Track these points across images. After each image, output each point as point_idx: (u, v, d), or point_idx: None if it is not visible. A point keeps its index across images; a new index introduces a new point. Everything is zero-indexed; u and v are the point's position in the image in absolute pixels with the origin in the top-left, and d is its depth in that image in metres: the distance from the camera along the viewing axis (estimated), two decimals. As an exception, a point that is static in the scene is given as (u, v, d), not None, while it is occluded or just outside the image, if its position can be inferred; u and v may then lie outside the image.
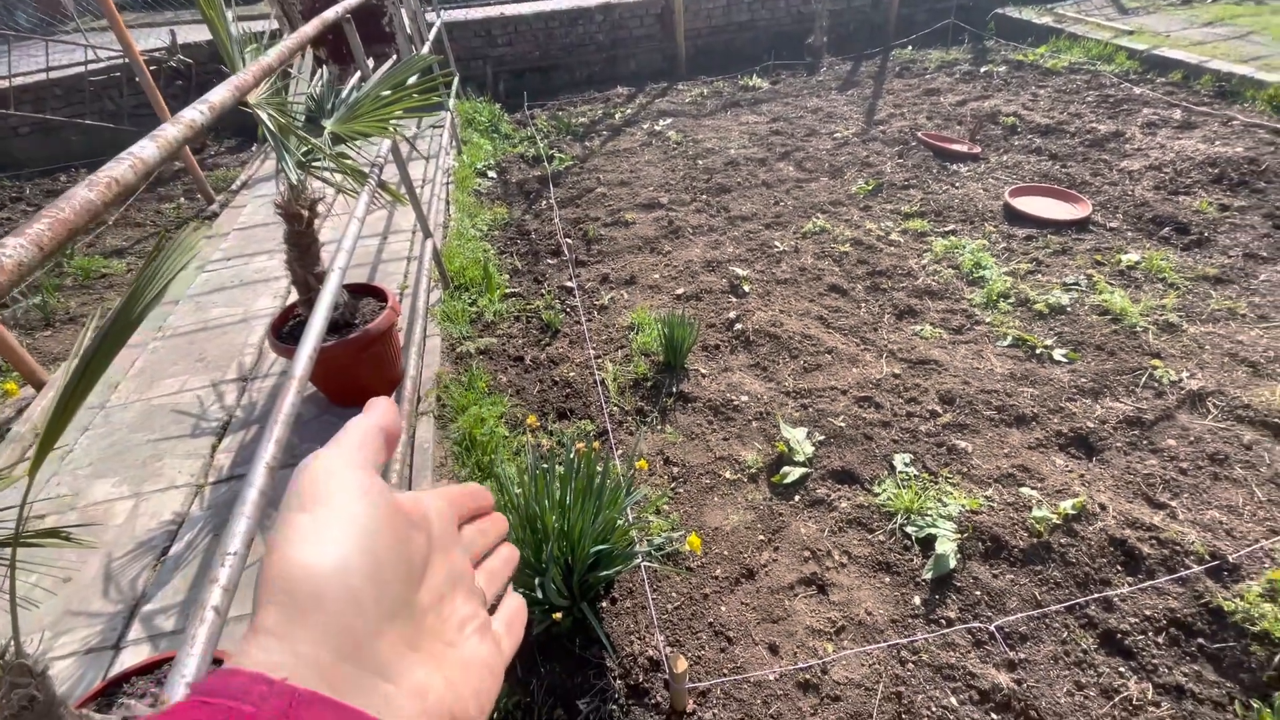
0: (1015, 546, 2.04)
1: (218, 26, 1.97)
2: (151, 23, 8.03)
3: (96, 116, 6.05)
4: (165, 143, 1.06)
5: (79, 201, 0.85)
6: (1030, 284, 3.22)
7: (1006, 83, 5.71)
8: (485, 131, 5.73)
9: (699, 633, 1.91)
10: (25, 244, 0.76)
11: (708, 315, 3.23)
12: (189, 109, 1.20)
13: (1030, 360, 2.78)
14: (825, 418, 2.53)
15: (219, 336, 3.20)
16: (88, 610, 2.01)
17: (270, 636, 0.25)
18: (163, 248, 1.05)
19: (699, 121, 5.70)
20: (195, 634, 0.90)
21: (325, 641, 0.25)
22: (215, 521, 2.27)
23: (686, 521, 2.22)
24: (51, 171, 5.84)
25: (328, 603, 0.26)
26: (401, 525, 0.30)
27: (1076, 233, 3.61)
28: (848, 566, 2.04)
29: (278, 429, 1.21)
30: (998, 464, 2.31)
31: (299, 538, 0.27)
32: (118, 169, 0.95)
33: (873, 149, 4.80)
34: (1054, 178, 4.15)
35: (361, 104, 2.43)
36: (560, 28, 6.93)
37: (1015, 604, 1.92)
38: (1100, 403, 2.54)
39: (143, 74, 4.17)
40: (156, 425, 2.69)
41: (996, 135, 4.78)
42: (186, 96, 6.09)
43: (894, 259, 3.51)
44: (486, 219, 4.30)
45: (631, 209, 4.32)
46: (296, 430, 2.58)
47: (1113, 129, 4.56)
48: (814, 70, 6.70)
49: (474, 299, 3.43)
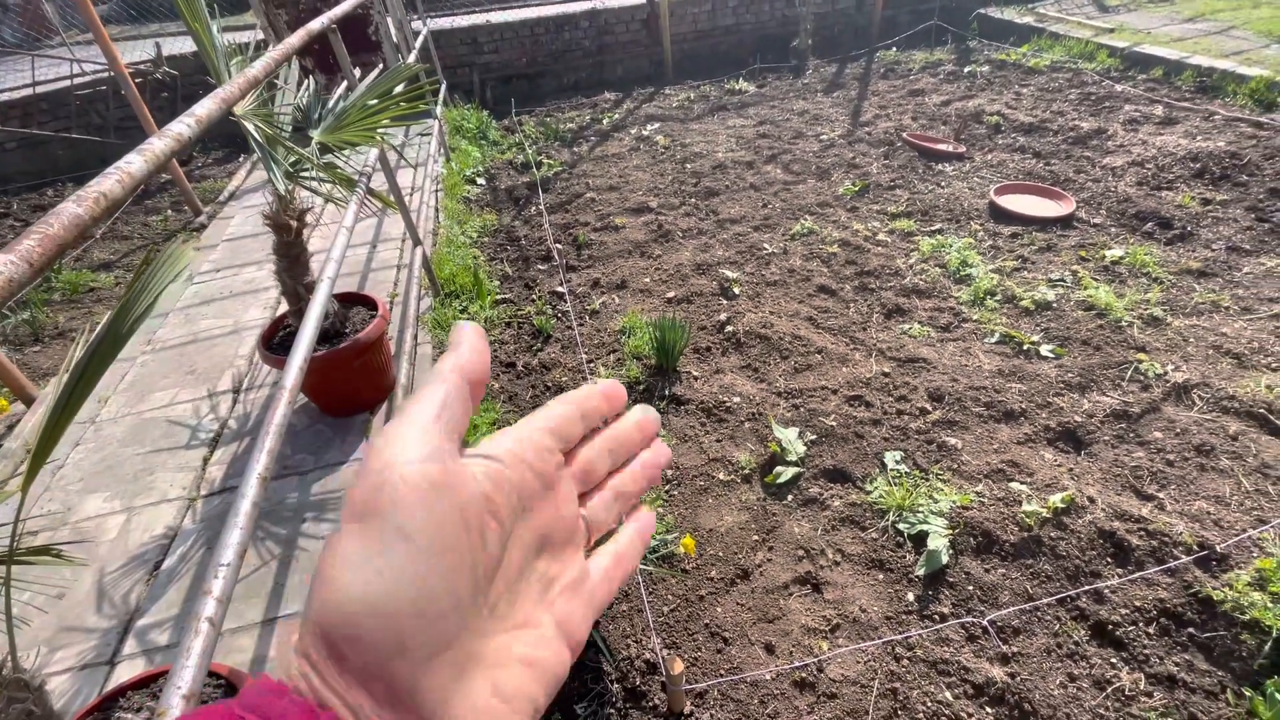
0: (1006, 541, 2.06)
1: (203, 39, 1.97)
2: (137, 35, 8.00)
3: (83, 130, 6.02)
4: (153, 156, 1.06)
5: (68, 217, 0.85)
6: (1016, 281, 3.26)
7: (990, 82, 5.77)
8: (473, 138, 5.74)
9: (695, 634, 1.91)
10: (16, 260, 0.76)
11: (699, 318, 3.25)
12: (176, 122, 1.20)
13: (1018, 356, 2.80)
14: (816, 417, 2.55)
15: (209, 348, 3.19)
16: (82, 626, 1.99)
17: (312, 668, 0.24)
18: (152, 261, 1.06)
19: (686, 125, 5.73)
20: (190, 646, 0.90)
21: (366, 687, 0.23)
22: (208, 534, 2.26)
23: (681, 524, 2.23)
24: (38, 186, 5.81)
25: (366, 649, 0.24)
26: (473, 522, 0.27)
27: (1061, 229, 3.65)
28: (841, 565, 2.06)
29: (269, 440, 1.21)
30: (987, 460, 2.33)
31: (346, 560, 0.24)
32: (105, 183, 0.95)
33: (859, 150, 4.84)
34: (1038, 175, 4.20)
35: (348, 113, 2.44)
36: (546, 34, 6.96)
37: (1007, 598, 1.94)
38: (1087, 397, 2.57)
39: (128, 86, 4.16)
40: (148, 439, 2.68)
41: (981, 134, 4.83)
42: (173, 108, 6.08)
43: (882, 259, 3.54)
44: (476, 226, 4.30)
45: (621, 213, 4.34)
46: (289, 441, 2.58)
47: (1095, 126, 4.62)
48: (800, 73, 6.75)
49: (464, 306, 3.43)
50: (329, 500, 2.33)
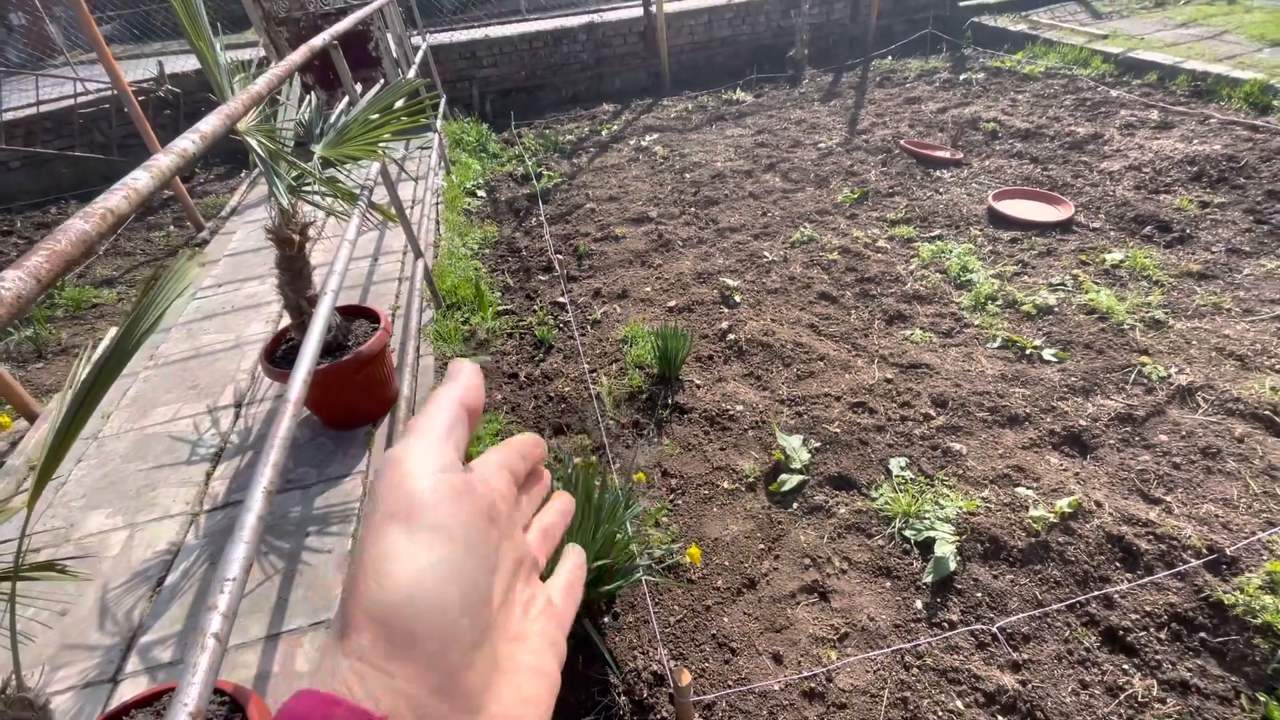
0: (1014, 547, 2.05)
1: (207, 56, 1.99)
2: (139, 54, 8.07)
3: (86, 148, 6.07)
4: (159, 172, 1.07)
5: (75, 233, 0.85)
6: (1017, 286, 3.26)
7: (985, 89, 5.81)
8: (473, 151, 5.77)
9: (702, 645, 1.90)
10: (24, 276, 0.76)
11: (700, 326, 3.25)
12: (181, 138, 1.21)
13: (1020, 361, 2.80)
14: (820, 424, 2.54)
15: (211, 363, 3.19)
16: (85, 643, 1.98)
17: (367, 665, 0.24)
18: (160, 277, 1.06)
19: (685, 136, 5.76)
20: (196, 662, 0.89)
21: (422, 678, 0.24)
22: (211, 549, 2.25)
23: (686, 533, 2.22)
24: (43, 204, 5.84)
25: (424, 638, 0.25)
26: (490, 530, 0.29)
27: (1060, 234, 3.66)
28: (848, 573, 2.05)
29: (274, 454, 1.21)
30: (993, 465, 2.32)
31: (393, 554, 0.26)
32: (112, 199, 0.96)
33: (857, 158, 4.87)
34: (1036, 181, 4.21)
35: (350, 128, 2.46)
36: (545, 47, 7.02)
37: (1016, 604, 1.92)
38: (1091, 400, 2.56)
39: (131, 105, 4.19)
40: (150, 454, 2.67)
41: (978, 141, 4.86)
42: (175, 125, 6.12)
43: (882, 265, 3.55)
44: (477, 237, 4.32)
45: (621, 223, 4.36)
46: (292, 454, 2.58)
47: (1091, 131, 4.64)
48: (796, 83, 6.80)
49: (466, 317, 3.44)
50: (332, 514, 2.32)
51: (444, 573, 0.26)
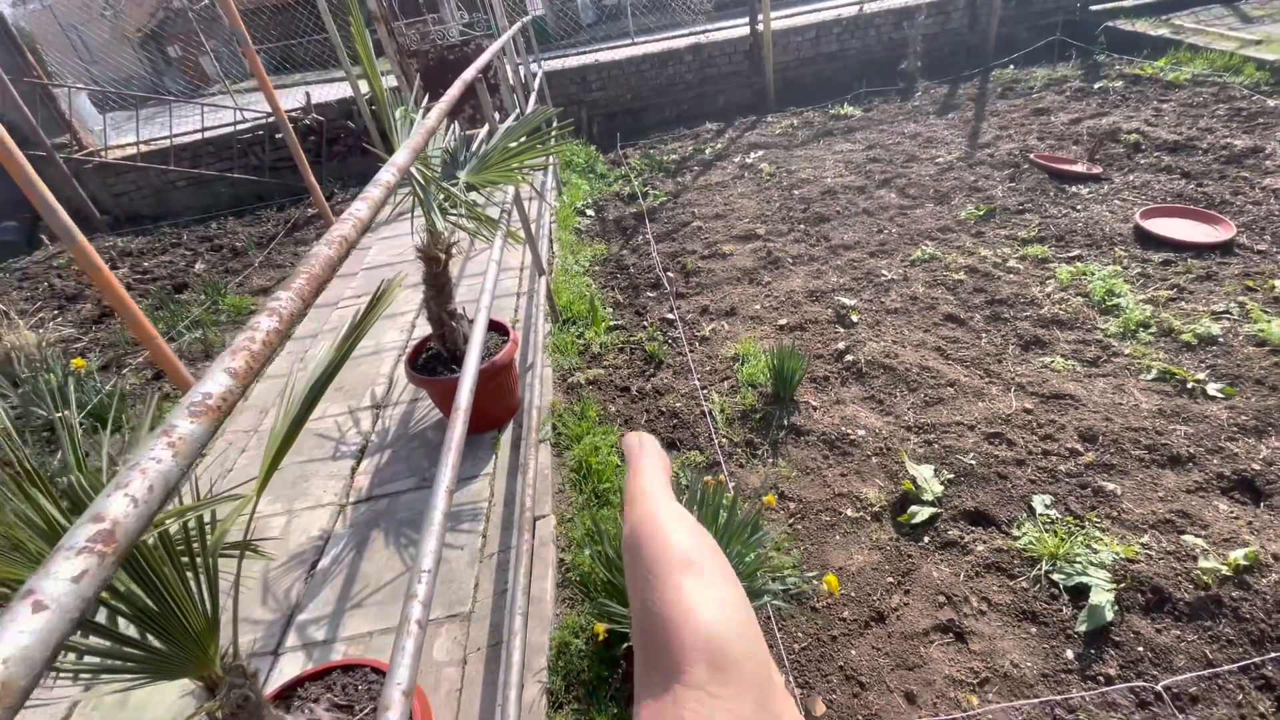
0: (1180, 599, 1.87)
1: (376, 85, 2.20)
2: (281, 84, 8.98)
3: (242, 170, 6.80)
4: (373, 202, 1.19)
5: (323, 258, 0.97)
6: (1173, 312, 2.99)
7: (1124, 98, 5.39)
8: (582, 172, 5.98)
9: (829, 675, 1.85)
10: (293, 297, 0.88)
11: (814, 346, 3.20)
12: (383, 171, 1.34)
13: (1181, 395, 2.56)
14: (953, 455, 2.43)
15: (354, 367, 3.47)
16: (250, 617, 2.20)
17: (704, 693, 0.29)
18: (380, 298, 1.18)
19: (791, 152, 5.71)
20: (404, 645, 0.98)
21: (748, 697, 0.29)
22: (357, 539, 2.44)
23: (808, 559, 2.18)
24: (205, 219, 6.60)
25: (743, 663, 0.30)
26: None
27: (1220, 256, 3.33)
28: (987, 614, 1.94)
29: (452, 455, 1.31)
30: (1152, 508, 2.13)
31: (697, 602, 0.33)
32: (344, 228, 1.08)
33: (980, 173, 4.64)
34: (1189, 198, 3.85)
35: (491, 155, 2.63)
36: (651, 70, 7.19)
37: (1183, 662, 1.75)
38: (1265, 442, 2.30)
39: (287, 131, 4.66)
40: (303, 449, 2.94)
41: (1118, 154, 4.51)
42: (318, 150, 6.75)
43: (1014, 287, 3.36)
44: (587, 255, 4.46)
45: (728, 241, 4.37)
46: (425, 455, 2.76)
47: (1250, 144, 4.20)
48: (908, 95, 6.58)
49: (581, 332, 3.55)
50: (463, 512, 2.46)
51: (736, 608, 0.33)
